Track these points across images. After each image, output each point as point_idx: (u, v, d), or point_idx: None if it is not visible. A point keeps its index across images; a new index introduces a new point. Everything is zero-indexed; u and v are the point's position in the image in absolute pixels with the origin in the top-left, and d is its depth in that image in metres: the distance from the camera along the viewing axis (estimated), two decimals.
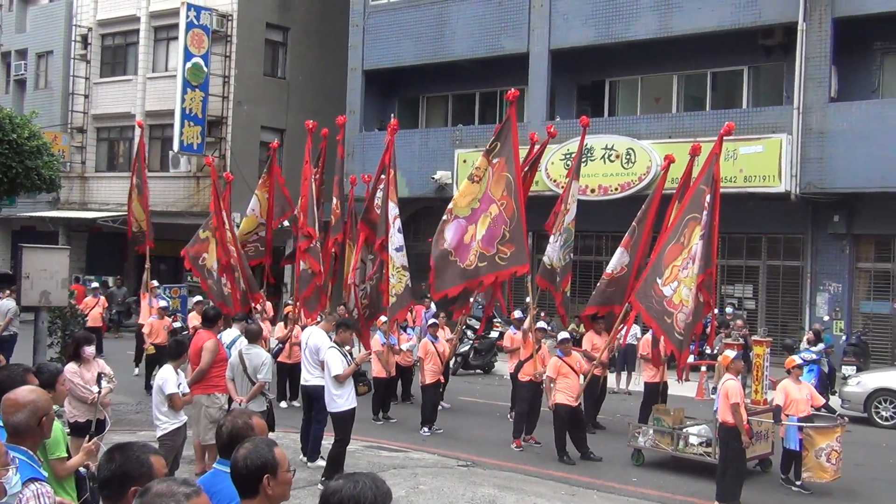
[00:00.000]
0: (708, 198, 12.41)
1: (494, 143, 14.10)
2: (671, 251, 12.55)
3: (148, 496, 3.33)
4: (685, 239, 12.47)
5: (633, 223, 14.79)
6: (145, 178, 21.25)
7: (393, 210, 14.50)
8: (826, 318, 21.87)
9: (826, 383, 17.63)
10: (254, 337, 11.31)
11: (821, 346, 17.93)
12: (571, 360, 13.37)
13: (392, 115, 24.96)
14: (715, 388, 15.58)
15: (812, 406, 12.26)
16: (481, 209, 13.84)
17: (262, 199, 18.11)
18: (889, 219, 21.57)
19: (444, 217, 14.17)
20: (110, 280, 32.00)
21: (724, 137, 12.88)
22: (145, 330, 18.30)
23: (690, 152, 13.88)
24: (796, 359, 12.84)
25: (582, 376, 13.53)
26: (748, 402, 13.27)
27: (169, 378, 9.55)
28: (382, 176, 15.22)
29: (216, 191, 17.67)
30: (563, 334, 13.90)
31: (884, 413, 16.87)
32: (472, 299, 16.09)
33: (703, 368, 19.35)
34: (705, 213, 12.35)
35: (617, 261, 14.67)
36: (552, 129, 15.65)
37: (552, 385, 13.24)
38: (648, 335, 15.04)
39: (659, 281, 12.40)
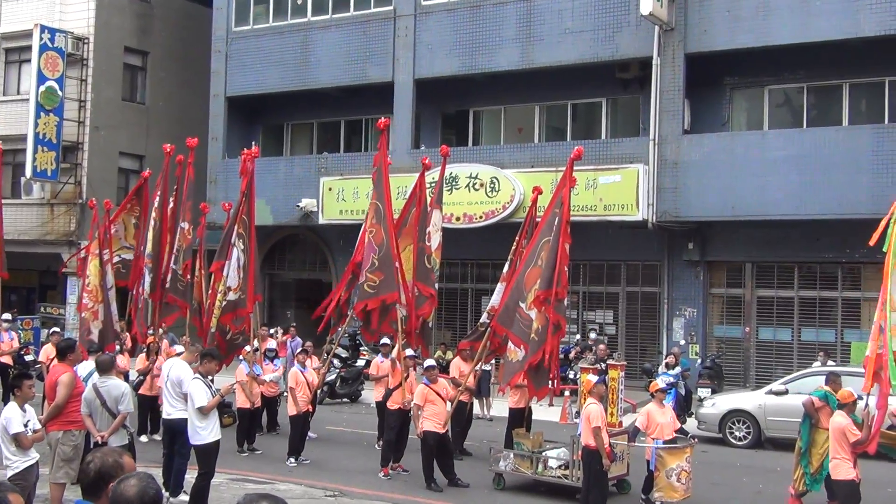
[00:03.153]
0: (556, 220, 12.67)
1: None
2: (530, 274, 12.74)
3: None
4: (542, 262, 12.68)
5: (509, 256, 15.03)
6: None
7: (237, 240, 14.19)
8: (682, 342, 22.56)
9: (683, 405, 18.22)
10: (106, 368, 10.77)
11: (678, 369, 18.52)
12: (438, 386, 13.41)
13: (254, 142, 24.58)
14: (578, 413, 15.87)
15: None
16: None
17: (129, 223, 18.00)
18: (739, 246, 22.54)
19: None
20: None
21: (582, 165, 13.19)
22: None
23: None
24: (660, 383, 13.20)
25: (449, 403, 13.60)
26: None
27: (13, 417, 9.07)
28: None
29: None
30: (429, 361, 13.93)
31: (737, 433, 17.46)
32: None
33: (567, 393, 19.68)
34: (552, 234, 12.61)
35: (497, 295, 14.85)
36: (427, 161, 15.88)
37: (420, 412, 13.25)
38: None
39: (523, 305, 12.59)
